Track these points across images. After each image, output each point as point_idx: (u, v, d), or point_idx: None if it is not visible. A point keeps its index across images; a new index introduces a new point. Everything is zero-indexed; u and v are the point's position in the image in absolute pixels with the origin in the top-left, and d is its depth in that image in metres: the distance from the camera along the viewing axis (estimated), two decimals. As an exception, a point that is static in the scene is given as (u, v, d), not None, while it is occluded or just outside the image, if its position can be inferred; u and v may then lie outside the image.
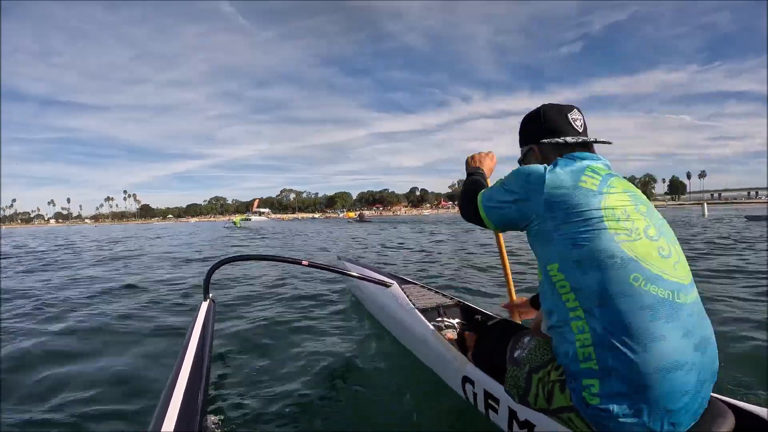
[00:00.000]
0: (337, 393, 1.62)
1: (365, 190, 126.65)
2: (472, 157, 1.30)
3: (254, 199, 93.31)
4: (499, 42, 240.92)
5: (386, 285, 2.25)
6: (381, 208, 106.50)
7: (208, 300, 1.91)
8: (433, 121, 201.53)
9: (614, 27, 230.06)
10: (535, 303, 1.40)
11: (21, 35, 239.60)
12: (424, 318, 1.76)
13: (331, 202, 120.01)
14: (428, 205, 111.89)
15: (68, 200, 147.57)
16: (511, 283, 1.53)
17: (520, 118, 1.07)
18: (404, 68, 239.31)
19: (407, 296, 2.07)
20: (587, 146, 0.98)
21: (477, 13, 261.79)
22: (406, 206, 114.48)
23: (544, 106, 1.01)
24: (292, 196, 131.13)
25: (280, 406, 1.51)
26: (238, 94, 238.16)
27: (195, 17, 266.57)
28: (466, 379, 1.35)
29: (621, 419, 0.73)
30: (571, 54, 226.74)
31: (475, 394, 1.31)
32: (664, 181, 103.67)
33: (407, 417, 1.45)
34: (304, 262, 2.06)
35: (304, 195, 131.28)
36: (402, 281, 2.47)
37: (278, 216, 78.54)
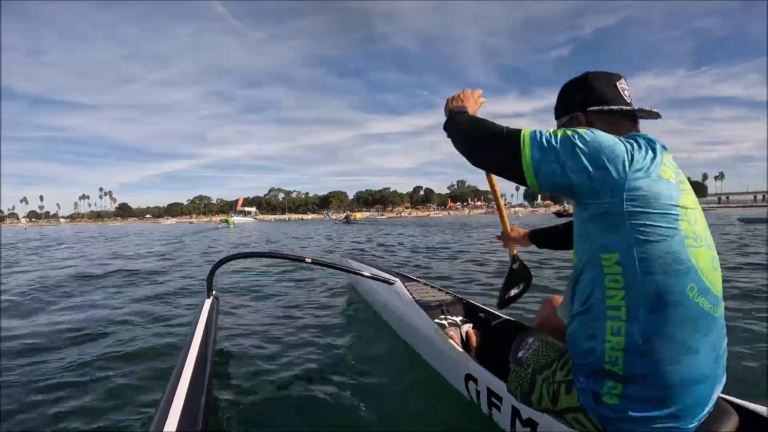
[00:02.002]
0: (340, 390, 1.75)
1: (363, 189, 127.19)
2: (454, 97, 1.13)
3: (239, 198, 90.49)
4: (489, 44, 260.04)
5: (389, 282, 2.42)
6: (381, 209, 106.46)
7: (211, 297, 2.06)
8: (424, 122, 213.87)
9: (604, 31, 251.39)
10: (535, 239, 1.50)
11: (11, 33, 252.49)
12: (427, 315, 1.90)
13: (324, 203, 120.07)
14: (432, 206, 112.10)
15: (41, 198, 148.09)
16: (505, 215, 1.64)
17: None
18: (395, 70, 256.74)
19: (410, 293, 2.22)
20: (635, 120, 0.95)
21: (468, 15, 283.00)
22: (408, 207, 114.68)
23: (589, 72, 0.97)
24: (281, 195, 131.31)
25: (283, 404, 1.65)
26: (229, 94, 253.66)
27: (187, 17, 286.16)
28: (469, 377, 1.49)
29: (634, 422, 0.77)
30: (561, 58, 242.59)
31: (478, 392, 1.44)
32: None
33: (410, 414, 1.58)
34: (307, 260, 2.21)
35: (294, 194, 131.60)
36: (405, 279, 2.64)
37: (260, 217, 76.09)
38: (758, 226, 14.03)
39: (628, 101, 0.94)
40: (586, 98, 0.94)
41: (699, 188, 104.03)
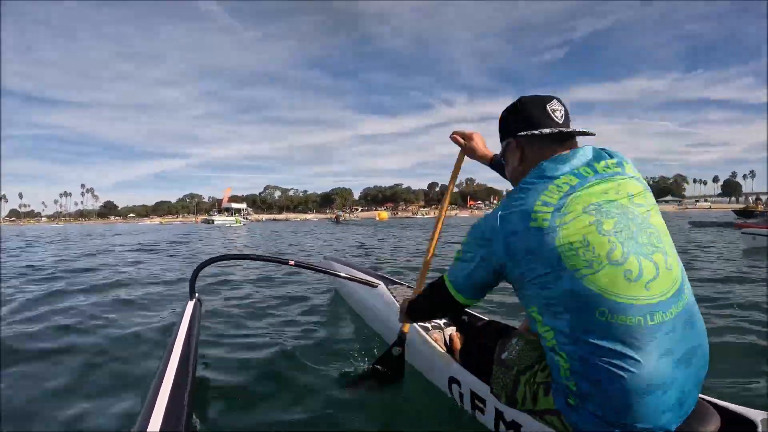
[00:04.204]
0: (323, 392, 1.93)
1: (371, 186, 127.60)
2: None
3: (225, 191, 74.47)
4: (482, 46, 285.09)
5: (373, 285, 2.63)
6: (392, 208, 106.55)
7: (194, 300, 2.28)
8: (416, 123, 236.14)
9: (598, 34, 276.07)
10: (496, 165, 1.63)
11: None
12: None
13: (326, 201, 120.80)
14: (453, 205, 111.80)
15: (20, 195, 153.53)
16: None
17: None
18: (388, 71, 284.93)
19: (393, 296, 2.43)
20: (569, 139, 1.09)
21: (461, 17, 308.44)
22: (422, 206, 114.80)
23: (522, 97, 1.15)
24: (277, 193, 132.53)
25: (266, 406, 1.83)
26: (222, 93, 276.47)
27: (180, 16, 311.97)
28: (452, 380, 1.65)
29: (599, 430, 0.91)
30: (555, 60, 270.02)
31: (461, 395, 1.60)
32: (716, 181, 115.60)
33: (394, 416, 1.76)
34: (290, 262, 2.43)
35: (291, 192, 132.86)
36: (388, 281, 2.86)
37: (252, 217, 68.01)
38: (709, 228, 15.12)
39: (559, 122, 1.09)
40: (517, 123, 1.12)
41: (733, 187, 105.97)
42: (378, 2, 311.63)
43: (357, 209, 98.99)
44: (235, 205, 62.76)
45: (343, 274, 2.76)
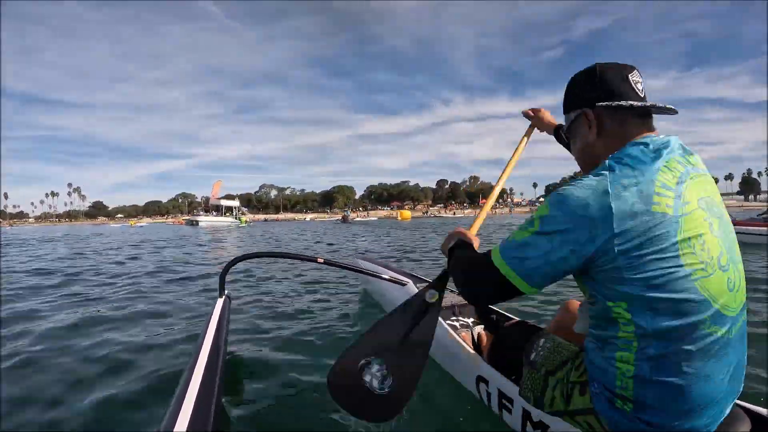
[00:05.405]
0: None
1: (376, 183, 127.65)
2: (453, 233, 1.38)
3: (214, 185, 62.90)
4: (482, 46, 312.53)
5: (402, 284, 2.73)
6: (399, 207, 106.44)
7: (223, 297, 2.40)
8: (417, 123, 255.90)
9: (596, 33, 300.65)
10: (560, 137, 1.62)
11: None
12: (439, 317, 2.20)
13: (327, 200, 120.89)
14: (465, 204, 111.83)
15: (5, 196, 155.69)
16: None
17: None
18: (388, 70, 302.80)
19: None
20: (648, 116, 1.01)
21: (461, 17, 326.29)
22: (430, 204, 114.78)
23: (597, 63, 1.03)
24: (274, 192, 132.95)
25: (296, 405, 1.94)
26: (222, 94, 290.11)
27: (181, 17, 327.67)
28: (480, 379, 1.75)
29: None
30: (553, 60, 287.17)
31: (489, 394, 1.70)
32: (729, 178, 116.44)
33: (422, 415, 1.86)
34: (319, 260, 2.52)
35: (288, 192, 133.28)
36: (417, 280, 2.98)
37: (245, 218, 58.95)
38: None
39: (641, 95, 0.99)
40: (595, 93, 1.00)
41: (751, 185, 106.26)
42: (378, 2, 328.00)
43: (367, 208, 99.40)
44: (225, 203, 55.00)
45: (371, 272, 2.86)
